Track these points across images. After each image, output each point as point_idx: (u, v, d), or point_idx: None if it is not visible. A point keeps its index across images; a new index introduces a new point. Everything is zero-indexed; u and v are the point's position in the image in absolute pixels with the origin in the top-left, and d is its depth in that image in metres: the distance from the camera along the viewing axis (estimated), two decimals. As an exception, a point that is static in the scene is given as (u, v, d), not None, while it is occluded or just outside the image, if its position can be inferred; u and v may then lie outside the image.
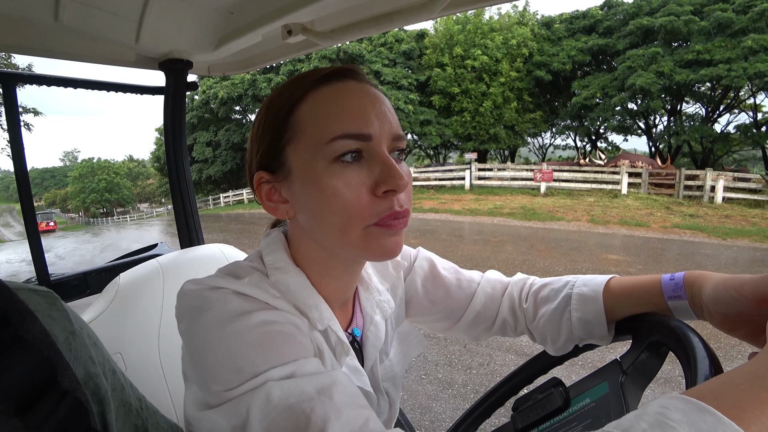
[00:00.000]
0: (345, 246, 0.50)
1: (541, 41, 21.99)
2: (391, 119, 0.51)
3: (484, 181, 15.53)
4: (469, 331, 0.76)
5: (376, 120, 0.49)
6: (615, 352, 2.90)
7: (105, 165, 59.20)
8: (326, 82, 0.50)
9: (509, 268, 5.98)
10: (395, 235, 0.50)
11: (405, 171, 0.51)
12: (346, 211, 0.48)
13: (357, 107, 0.49)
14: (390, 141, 0.51)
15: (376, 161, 0.49)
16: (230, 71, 1.37)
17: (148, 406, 0.61)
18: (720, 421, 0.26)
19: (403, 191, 0.49)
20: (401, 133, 0.52)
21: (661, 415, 0.28)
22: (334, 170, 0.48)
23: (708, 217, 10.21)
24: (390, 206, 0.48)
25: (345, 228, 0.48)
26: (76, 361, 0.47)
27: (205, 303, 0.45)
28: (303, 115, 0.50)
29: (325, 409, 0.36)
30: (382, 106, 0.51)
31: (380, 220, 0.49)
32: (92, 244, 14.54)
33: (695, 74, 16.21)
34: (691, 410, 0.27)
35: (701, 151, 20.14)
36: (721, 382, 0.31)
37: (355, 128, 0.48)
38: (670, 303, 0.56)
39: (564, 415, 0.60)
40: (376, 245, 0.49)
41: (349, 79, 0.51)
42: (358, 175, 0.48)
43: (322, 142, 0.48)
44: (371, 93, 0.51)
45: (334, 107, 0.49)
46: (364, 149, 0.49)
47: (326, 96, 0.49)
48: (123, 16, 0.96)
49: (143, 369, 0.95)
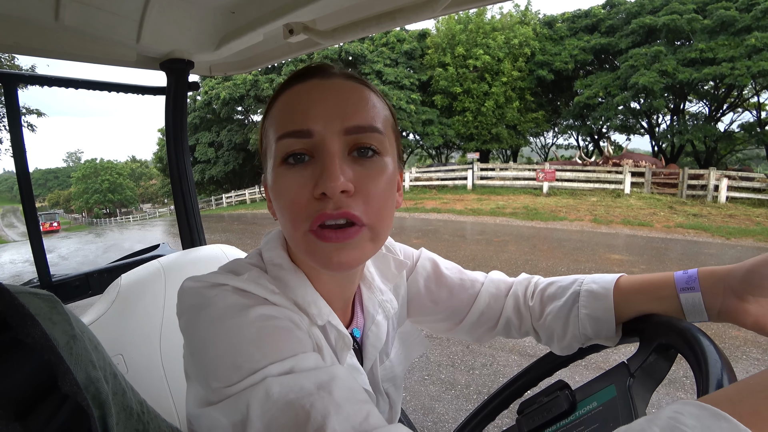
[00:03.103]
0: (297, 249, 0.50)
1: (543, 40, 21.93)
2: (347, 110, 0.47)
3: (486, 181, 15.52)
4: (472, 332, 0.75)
5: (321, 115, 0.46)
6: (620, 355, 2.89)
7: (108, 166, 59.48)
8: (291, 85, 0.50)
9: (512, 268, 5.97)
10: (339, 248, 0.46)
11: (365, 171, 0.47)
12: (286, 213, 0.48)
13: (300, 105, 0.48)
14: (342, 135, 0.46)
15: (320, 161, 0.46)
16: (232, 71, 1.37)
17: (149, 410, 0.61)
18: (736, 429, 0.25)
19: (334, 194, 0.44)
20: (362, 123, 0.47)
21: (675, 420, 0.27)
22: (279, 172, 0.48)
23: (712, 216, 10.15)
24: (321, 208, 0.45)
25: (290, 231, 0.48)
26: (76, 365, 0.47)
27: (204, 300, 0.45)
28: (269, 119, 0.51)
29: (325, 405, 0.36)
30: (338, 98, 0.47)
31: (313, 225, 0.45)
32: (95, 245, 14.58)
33: (698, 73, 16.13)
34: (705, 416, 0.27)
35: (704, 151, 20.05)
36: (739, 389, 0.30)
37: (293, 125, 0.47)
38: (682, 296, 0.55)
39: (570, 418, 0.59)
40: (320, 255, 0.46)
41: (315, 77, 0.50)
42: (300, 177, 0.46)
43: (272, 144, 0.49)
44: (330, 86, 0.48)
45: (285, 108, 0.49)
46: (310, 149, 0.47)
47: (285, 99, 0.50)
48: (124, 15, 0.96)
49: (145, 370, 0.94)
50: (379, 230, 0.49)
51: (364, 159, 0.48)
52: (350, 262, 0.47)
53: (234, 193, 24.39)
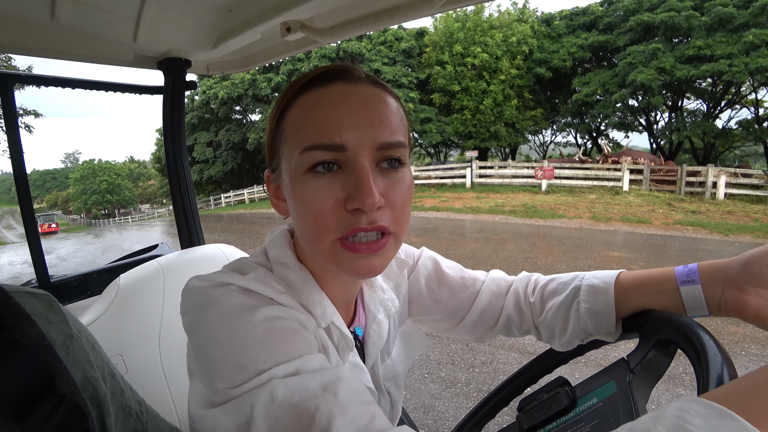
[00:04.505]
0: (319, 256, 0.50)
1: (541, 38, 21.92)
2: (378, 125, 0.46)
3: (485, 179, 15.52)
4: (473, 331, 0.75)
5: (353, 128, 0.45)
6: (619, 352, 2.90)
7: (106, 166, 59.36)
8: (311, 87, 0.48)
9: (511, 265, 5.97)
10: (367, 258, 0.47)
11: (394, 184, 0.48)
12: (312, 222, 0.47)
13: (332, 115, 0.46)
14: (374, 151, 0.46)
15: (352, 173, 0.46)
16: (229, 70, 1.36)
17: (148, 409, 0.61)
18: (743, 428, 0.25)
19: (370, 210, 0.45)
20: (392, 140, 0.47)
21: (680, 419, 0.26)
22: (305, 180, 0.47)
23: (710, 213, 10.17)
24: (354, 222, 0.45)
25: (313, 239, 0.48)
26: (74, 365, 0.47)
27: (209, 299, 0.45)
28: (288, 121, 0.49)
29: (330, 407, 0.36)
30: (367, 110, 0.47)
31: (345, 236, 0.46)
32: (94, 246, 14.56)
33: (696, 70, 16.14)
34: (711, 415, 0.26)
35: (702, 147, 20.07)
36: (745, 386, 0.29)
37: (325, 139, 0.45)
38: (682, 289, 0.55)
39: (571, 415, 0.59)
40: (347, 264, 0.47)
41: (338, 81, 0.48)
42: (329, 186, 0.46)
43: (297, 151, 0.47)
44: (358, 96, 0.47)
45: (311, 116, 0.47)
46: (340, 159, 0.46)
47: (307, 103, 0.48)
48: (120, 14, 0.95)
49: (144, 371, 0.94)
50: (402, 236, 0.50)
51: (390, 170, 0.48)
52: (377, 269, 0.48)
53: (233, 193, 24.35)
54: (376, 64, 21.63)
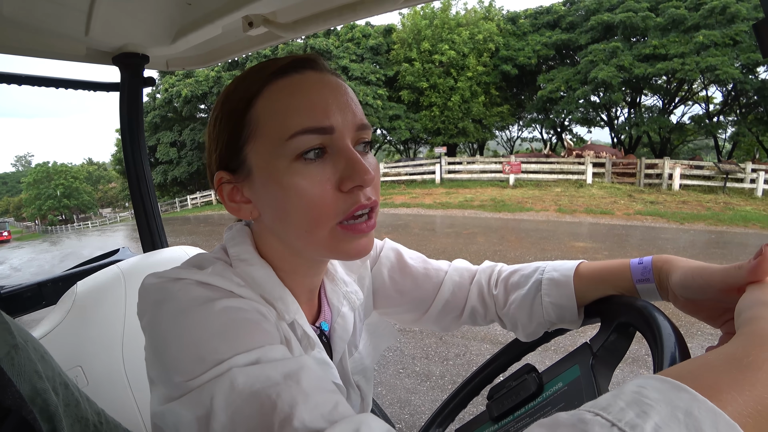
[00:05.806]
0: (312, 246, 0.49)
1: (507, 36, 22.40)
2: (354, 109, 0.49)
3: (454, 175, 15.75)
4: (439, 321, 0.76)
5: (337, 111, 0.47)
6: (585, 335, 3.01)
7: (62, 169, 56.17)
8: (284, 74, 0.48)
9: (481, 259, 6.03)
10: (363, 237, 0.49)
11: (371, 164, 0.50)
12: (312, 211, 0.46)
13: (317, 99, 0.47)
14: (354, 132, 0.49)
15: (340, 156, 0.47)
16: (190, 66, 1.32)
17: (108, 420, 0.58)
18: (695, 399, 0.26)
19: (370, 185, 0.48)
20: (365, 122, 0.50)
21: (638, 394, 0.28)
22: (296, 169, 0.46)
23: (667, 203, 10.73)
24: (354, 201, 0.47)
25: (311, 228, 0.47)
26: (19, 377, 0.44)
27: (166, 294, 0.43)
28: (260, 110, 0.47)
29: (292, 394, 0.35)
30: (344, 96, 0.49)
31: (346, 218, 0.48)
32: (51, 254, 13.82)
33: (652, 68, 16.97)
34: (667, 389, 0.28)
35: (659, 141, 21.10)
36: (699, 364, 0.31)
37: (315, 122, 0.46)
38: (638, 286, 0.57)
39: (538, 400, 0.60)
40: (344, 246, 0.49)
41: (308, 69, 0.49)
42: (322, 172, 0.46)
43: (282, 140, 0.46)
44: (332, 83, 0.49)
45: (293, 101, 0.46)
46: (327, 144, 0.47)
47: (284, 89, 0.47)
48: (70, 6, 0.90)
49: (107, 381, 0.90)
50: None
51: (364, 154, 0.51)
52: (370, 247, 0.51)
53: (199, 194, 23.65)
54: (344, 61, 21.49)
